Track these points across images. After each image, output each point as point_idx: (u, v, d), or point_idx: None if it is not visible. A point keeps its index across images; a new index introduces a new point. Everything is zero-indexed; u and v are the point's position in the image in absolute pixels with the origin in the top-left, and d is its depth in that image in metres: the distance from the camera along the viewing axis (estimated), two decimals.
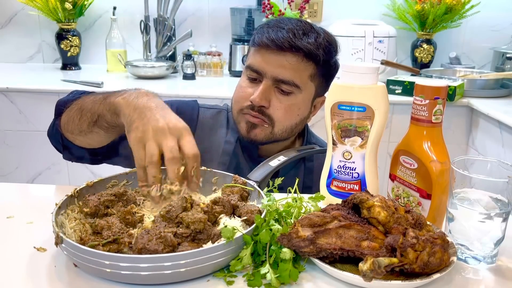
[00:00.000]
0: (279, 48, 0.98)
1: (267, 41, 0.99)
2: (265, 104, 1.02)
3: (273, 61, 1.00)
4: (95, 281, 0.62)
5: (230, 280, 0.62)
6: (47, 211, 0.69)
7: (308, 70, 1.02)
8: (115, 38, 2.41)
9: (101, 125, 0.89)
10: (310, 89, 1.05)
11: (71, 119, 0.95)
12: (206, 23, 2.56)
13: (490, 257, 0.69)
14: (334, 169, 0.86)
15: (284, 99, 1.03)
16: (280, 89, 1.02)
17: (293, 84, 1.01)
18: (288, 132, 1.07)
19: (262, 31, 1.02)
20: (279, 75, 1.00)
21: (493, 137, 1.86)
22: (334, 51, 1.05)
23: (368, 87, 0.81)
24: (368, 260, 0.58)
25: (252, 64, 1.03)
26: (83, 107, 0.92)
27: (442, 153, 0.76)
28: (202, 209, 0.69)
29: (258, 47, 1.03)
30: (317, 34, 1.01)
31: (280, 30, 0.99)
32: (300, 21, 1.03)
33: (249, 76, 1.05)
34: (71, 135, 0.97)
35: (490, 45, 2.45)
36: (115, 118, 0.84)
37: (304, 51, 0.99)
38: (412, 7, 2.35)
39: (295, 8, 2.26)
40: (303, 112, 1.07)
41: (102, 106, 0.86)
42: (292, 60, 0.99)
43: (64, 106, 0.98)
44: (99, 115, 0.87)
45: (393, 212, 0.66)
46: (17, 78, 2.19)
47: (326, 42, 1.02)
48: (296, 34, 0.99)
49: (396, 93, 2.04)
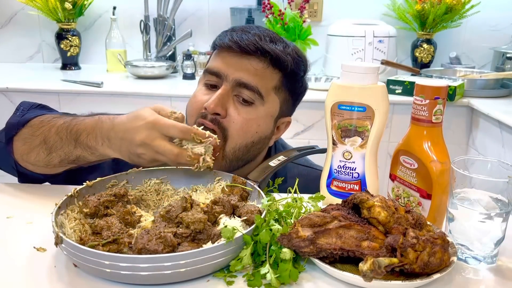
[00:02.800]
0: (243, 50, 0.89)
1: (229, 43, 0.90)
2: (221, 112, 0.89)
3: (235, 63, 0.90)
4: (95, 281, 0.62)
5: (230, 280, 0.62)
6: (47, 211, 0.69)
7: (274, 80, 0.93)
8: (115, 38, 2.41)
9: (79, 162, 0.87)
10: (274, 104, 0.95)
11: (34, 153, 0.87)
12: (206, 23, 2.56)
13: (490, 257, 0.69)
14: (334, 169, 0.86)
15: (243, 111, 0.91)
16: (240, 98, 0.91)
17: (256, 91, 0.90)
18: (242, 151, 0.94)
19: (225, 34, 0.94)
20: (242, 78, 0.89)
21: (493, 137, 1.86)
22: (303, 66, 0.97)
23: (368, 87, 0.81)
24: (368, 260, 0.58)
25: (211, 66, 0.93)
26: (49, 144, 0.85)
27: (442, 153, 0.76)
28: (202, 209, 0.69)
29: (219, 50, 0.94)
30: (285, 44, 0.94)
31: (245, 33, 0.91)
32: (269, 31, 0.95)
33: (207, 82, 0.94)
34: (32, 166, 0.90)
35: (490, 45, 2.45)
36: (105, 158, 0.85)
37: (272, 55, 0.90)
38: (412, 7, 2.35)
39: (295, 8, 2.26)
40: (263, 130, 0.94)
41: (81, 150, 0.83)
42: (258, 65, 0.90)
43: (16, 130, 0.89)
44: (78, 156, 0.84)
45: (393, 212, 0.66)
46: (17, 78, 2.20)
47: (295, 54, 0.94)
48: (263, 38, 0.90)
49: (396, 93, 2.04)
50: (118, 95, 2.01)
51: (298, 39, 2.19)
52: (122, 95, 2.01)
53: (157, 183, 0.85)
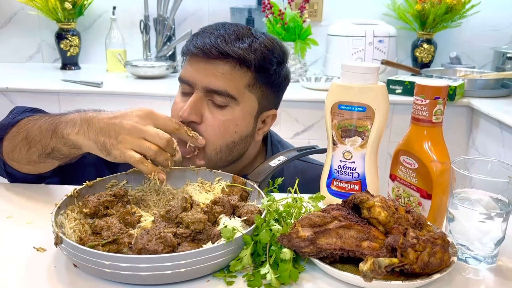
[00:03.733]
0: (206, 56, 0.89)
1: (193, 49, 0.90)
2: (196, 120, 0.90)
3: (202, 70, 0.91)
4: (94, 281, 0.62)
5: (230, 280, 0.62)
6: (47, 211, 0.69)
7: (244, 79, 0.92)
8: (115, 38, 2.41)
9: (55, 156, 0.86)
10: (250, 101, 0.94)
11: (16, 149, 0.88)
12: (206, 23, 2.52)
13: (490, 257, 0.69)
14: (334, 169, 0.86)
15: (219, 113, 0.91)
16: (214, 103, 0.92)
17: (227, 94, 0.90)
18: (225, 152, 0.94)
19: (191, 39, 0.93)
20: (210, 85, 0.90)
21: (493, 137, 1.86)
22: (275, 57, 0.94)
23: (368, 87, 0.81)
24: (369, 260, 0.58)
25: (182, 75, 0.94)
26: (30, 138, 0.86)
27: (442, 153, 0.76)
28: (202, 209, 0.69)
29: (188, 57, 0.94)
30: (253, 39, 0.92)
31: (209, 36, 0.90)
32: (238, 26, 0.94)
33: (182, 90, 0.96)
34: (17, 164, 0.90)
35: (490, 45, 2.45)
36: (75, 151, 0.84)
37: (234, 57, 0.89)
38: (413, 7, 2.35)
39: (295, 8, 2.26)
40: (242, 128, 0.94)
41: (56, 140, 0.82)
42: (224, 68, 0.90)
43: (5, 131, 0.91)
44: (53, 148, 0.83)
45: (393, 212, 0.66)
46: (17, 78, 2.19)
47: (264, 48, 0.92)
48: (227, 39, 0.89)
49: (396, 93, 2.04)
50: (118, 95, 2.01)
51: (298, 39, 2.19)
52: (122, 95, 2.01)
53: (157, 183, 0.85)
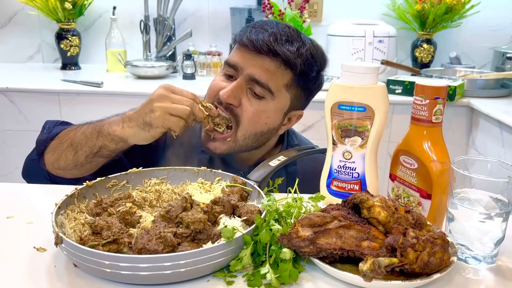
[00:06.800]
0: (257, 50, 0.95)
1: (246, 41, 0.96)
2: (233, 103, 0.97)
3: (250, 60, 0.97)
4: (95, 281, 0.62)
5: (230, 280, 0.62)
6: (47, 211, 0.69)
7: (285, 78, 0.98)
8: (115, 38, 2.41)
9: (102, 154, 0.94)
10: (284, 99, 1.01)
11: (62, 157, 0.95)
12: (206, 23, 2.56)
13: (490, 257, 0.69)
14: (334, 169, 0.86)
15: (255, 103, 0.98)
16: (252, 92, 0.98)
17: (267, 88, 0.96)
18: (251, 139, 1.01)
19: (245, 30, 0.99)
20: (255, 75, 0.96)
21: (493, 137, 1.86)
22: (317, 65, 1.01)
23: (368, 87, 0.81)
24: (368, 260, 0.58)
25: (230, 59, 1.00)
26: (75, 144, 0.94)
27: (442, 153, 0.76)
28: (202, 209, 0.69)
29: (238, 45, 1.00)
30: (302, 44, 0.98)
31: (263, 32, 0.96)
32: (289, 28, 0.99)
33: (226, 72, 1.01)
34: (62, 171, 0.97)
35: (490, 45, 2.45)
36: (122, 145, 0.92)
37: (282, 57, 0.95)
38: (412, 7, 2.35)
39: (295, 8, 2.26)
40: (272, 121, 1.02)
41: (102, 139, 0.92)
42: (270, 64, 0.96)
43: (45, 145, 0.98)
44: (100, 146, 0.92)
45: (393, 212, 0.66)
46: (17, 78, 2.19)
47: (309, 55, 0.98)
48: (278, 39, 0.95)
49: (396, 93, 2.04)
50: (118, 95, 2.01)
51: None
52: (122, 95, 2.01)
53: (157, 183, 0.85)
